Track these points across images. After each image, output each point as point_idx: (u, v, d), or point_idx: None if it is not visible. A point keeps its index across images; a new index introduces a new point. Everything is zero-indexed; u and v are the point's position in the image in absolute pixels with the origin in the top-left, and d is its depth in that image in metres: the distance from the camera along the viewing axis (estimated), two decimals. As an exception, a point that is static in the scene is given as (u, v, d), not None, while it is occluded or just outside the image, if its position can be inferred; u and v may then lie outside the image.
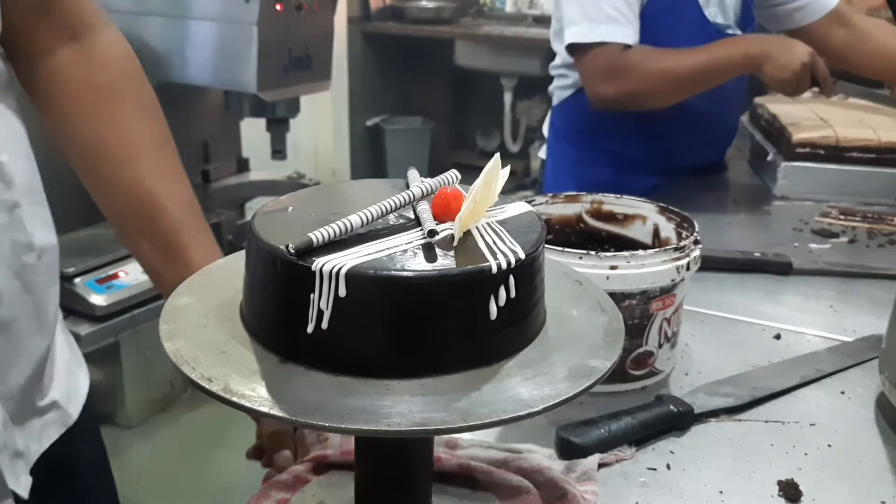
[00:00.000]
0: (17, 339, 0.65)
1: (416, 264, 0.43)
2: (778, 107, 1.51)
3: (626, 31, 1.31)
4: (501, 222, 0.49)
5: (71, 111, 0.71)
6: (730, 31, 1.44)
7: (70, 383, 0.75)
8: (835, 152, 1.33)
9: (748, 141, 1.60)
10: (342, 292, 0.41)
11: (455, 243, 0.45)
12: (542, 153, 1.64)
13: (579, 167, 1.51)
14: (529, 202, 0.82)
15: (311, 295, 0.42)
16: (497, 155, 0.49)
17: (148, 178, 0.71)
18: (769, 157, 1.39)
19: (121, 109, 0.72)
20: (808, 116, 1.44)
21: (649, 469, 0.66)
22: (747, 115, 1.66)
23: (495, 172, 0.48)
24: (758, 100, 1.62)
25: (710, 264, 1.00)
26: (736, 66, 1.31)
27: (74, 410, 0.76)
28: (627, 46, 1.31)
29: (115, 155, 0.71)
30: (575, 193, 0.87)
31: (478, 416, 0.40)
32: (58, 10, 0.70)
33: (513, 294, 0.44)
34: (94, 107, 0.71)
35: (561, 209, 0.86)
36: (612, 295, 0.55)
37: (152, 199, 0.70)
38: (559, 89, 1.52)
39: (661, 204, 0.84)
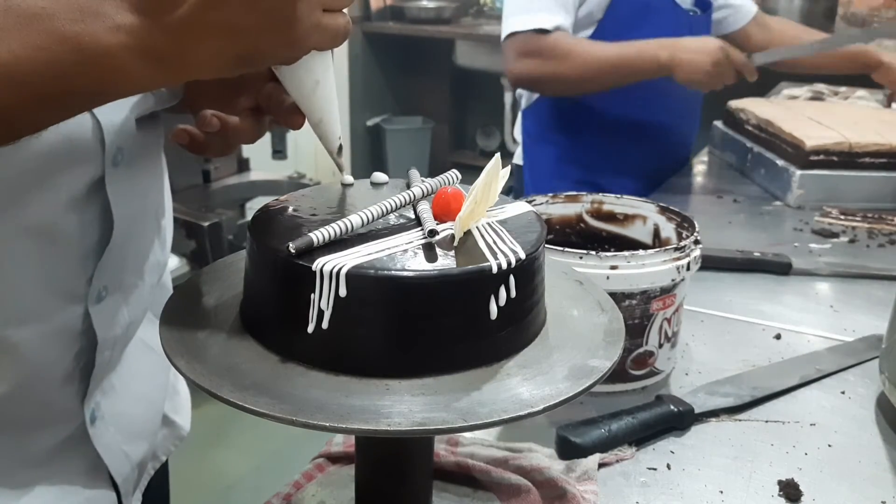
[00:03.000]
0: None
1: (417, 264, 0.43)
2: (762, 110, 1.50)
3: (555, 18, 1.33)
4: (502, 222, 0.49)
5: None
6: (695, 15, 1.47)
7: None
8: (848, 158, 1.32)
9: (731, 146, 1.59)
10: (342, 292, 0.41)
11: (455, 243, 0.45)
12: (518, 158, 1.63)
13: (561, 166, 1.52)
14: (530, 202, 0.82)
15: (312, 295, 0.42)
16: (497, 155, 0.49)
17: None
18: (780, 166, 1.38)
19: None
20: (801, 118, 1.44)
21: (649, 469, 0.66)
22: (721, 121, 1.65)
23: (496, 172, 0.48)
24: (733, 103, 1.60)
25: (710, 264, 1.00)
26: (646, 70, 1.34)
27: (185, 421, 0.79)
28: (553, 30, 1.33)
29: None
30: (575, 193, 0.87)
31: (478, 415, 0.40)
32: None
33: (513, 294, 0.44)
34: None
35: (561, 209, 0.86)
36: (613, 295, 0.55)
37: None
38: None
39: (661, 204, 0.84)
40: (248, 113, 0.52)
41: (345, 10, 0.45)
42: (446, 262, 0.43)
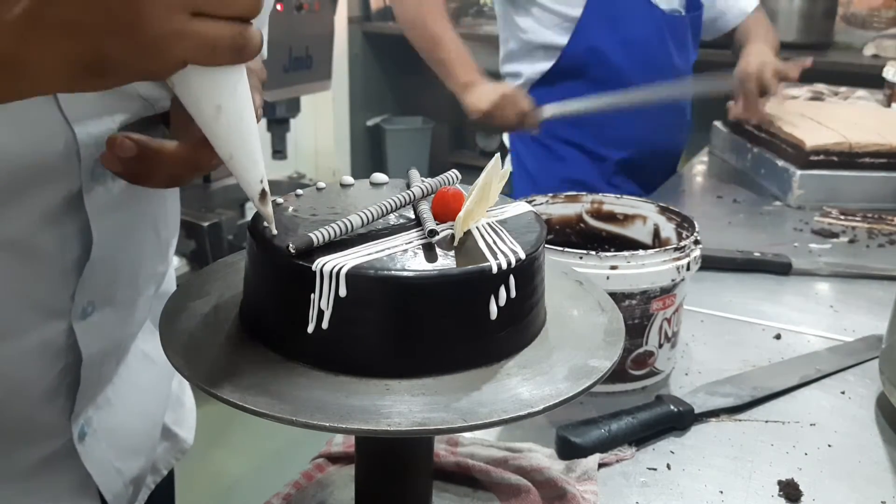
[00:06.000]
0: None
1: (417, 264, 0.43)
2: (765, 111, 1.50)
3: None
4: (502, 222, 0.49)
5: None
6: (677, 15, 1.46)
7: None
8: (848, 158, 1.32)
9: (731, 146, 1.59)
10: (342, 292, 0.41)
11: (455, 243, 0.45)
12: (508, 164, 1.62)
13: (552, 164, 1.52)
14: (529, 202, 0.82)
15: (312, 295, 0.42)
16: (497, 155, 0.49)
17: None
18: (780, 166, 1.38)
19: None
20: (801, 118, 1.44)
21: (649, 469, 0.66)
22: (721, 121, 1.65)
23: (495, 172, 0.48)
24: (732, 104, 1.60)
25: (710, 264, 1.00)
26: (446, 76, 1.44)
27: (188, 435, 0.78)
28: None
29: None
30: (575, 193, 0.87)
31: (478, 415, 0.40)
32: None
33: (513, 294, 0.44)
34: None
35: (561, 209, 0.86)
36: (613, 295, 0.55)
37: None
38: None
39: (661, 204, 0.84)
40: (198, 141, 0.45)
41: (244, 21, 0.38)
42: (446, 262, 0.43)
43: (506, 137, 1.63)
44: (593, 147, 1.50)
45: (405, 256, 0.43)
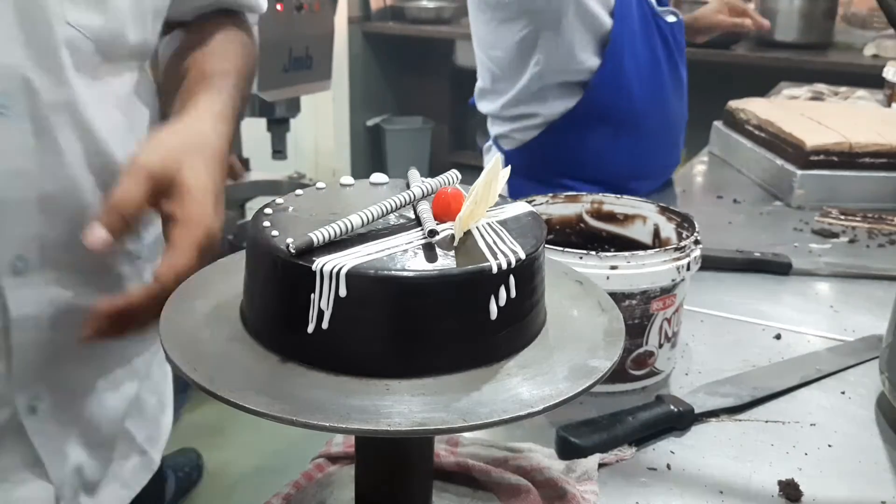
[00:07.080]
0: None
1: (417, 264, 0.43)
2: (762, 110, 1.50)
3: None
4: (502, 222, 0.49)
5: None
6: (670, 18, 1.45)
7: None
8: (848, 158, 1.32)
9: (731, 146, 1.58)
10: (342, 292, 0.41)
11: (455, 243, 0.45)
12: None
13: None
14: (530, 202, 0.82)
15: (312, 295, 0.42)
16: (498, 155, 0.49)
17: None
18: (780, 166, 1.37)
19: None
20: (801, 118, 1.44)
21: (649, 469, 0.66)
22: (721, 121, 1.65)
23: (496, 172, 0.48)
24: (732, 103, 1.60)
25: (710, 264, 1.00)
26: None
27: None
28: None
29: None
30: (575, 193, 0.87)
31: (478, 415, 0.40)
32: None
33: (513, 294, 0.44)
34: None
35: (561, 209, 0.86)
36: (613, 295, 0.55)
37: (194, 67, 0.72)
38: (523, 130, 1.44)
39: (661, 204, 0.84)
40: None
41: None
42: (446, 262, 0.43)
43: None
44: (606, 179, 1.41)
45: (405, 256, 0.43)
